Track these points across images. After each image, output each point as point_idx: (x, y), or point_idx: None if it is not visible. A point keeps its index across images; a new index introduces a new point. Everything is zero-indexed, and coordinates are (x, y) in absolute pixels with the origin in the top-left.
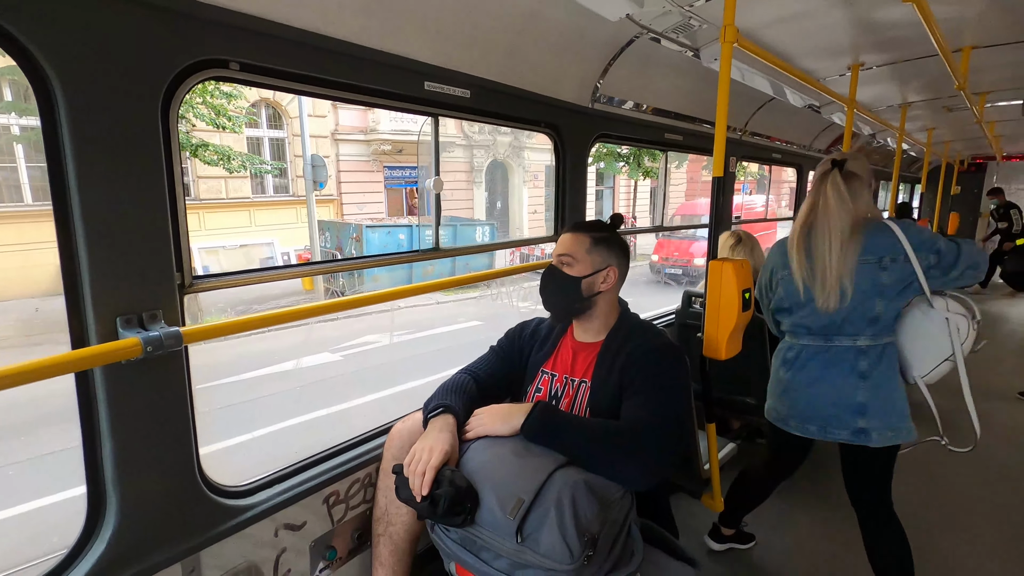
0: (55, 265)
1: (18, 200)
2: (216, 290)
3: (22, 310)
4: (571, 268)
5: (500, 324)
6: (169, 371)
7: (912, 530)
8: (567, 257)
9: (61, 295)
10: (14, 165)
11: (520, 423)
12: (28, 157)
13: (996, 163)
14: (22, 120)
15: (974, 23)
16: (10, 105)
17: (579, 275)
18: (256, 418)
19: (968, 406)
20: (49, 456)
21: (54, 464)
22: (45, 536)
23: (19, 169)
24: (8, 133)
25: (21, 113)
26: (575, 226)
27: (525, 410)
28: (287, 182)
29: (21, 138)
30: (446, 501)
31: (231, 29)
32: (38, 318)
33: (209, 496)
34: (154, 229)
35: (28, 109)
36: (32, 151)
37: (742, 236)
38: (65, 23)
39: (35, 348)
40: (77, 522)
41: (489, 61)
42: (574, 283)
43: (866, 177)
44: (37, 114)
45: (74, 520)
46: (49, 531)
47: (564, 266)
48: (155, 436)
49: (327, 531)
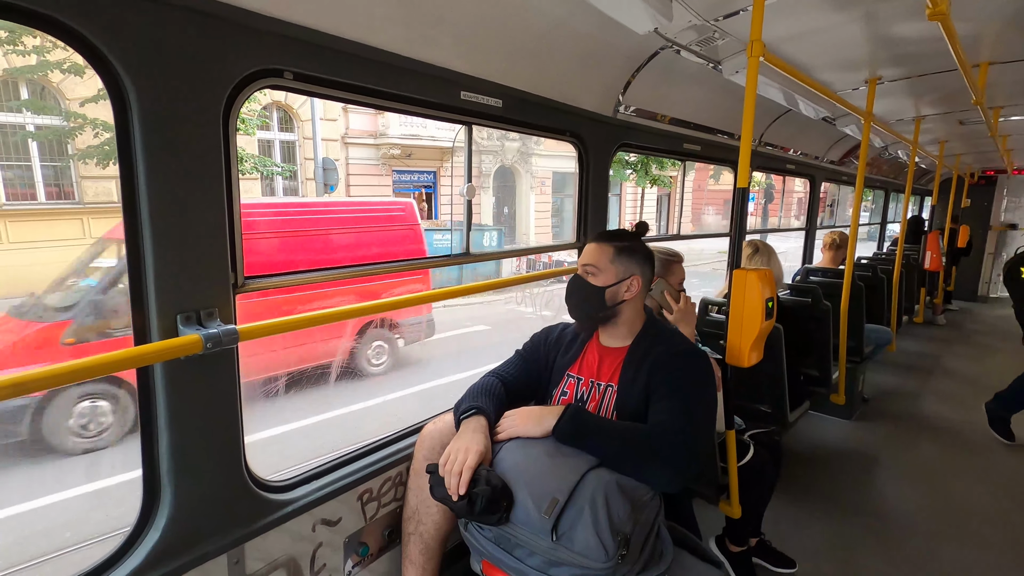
0: (62, 262)
1: (31, 199)
2: (265, 290)
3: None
4: (595, 278)
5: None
6: (223, 368)
7: (919, 538)
8: (591, 267)
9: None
10: (28, 164)
11: (552, 425)
12: (42, 156)
13: (1007, 176)
14: (38, 119)
15: (993, 39)
16: (26, 103)
17: (603, 285)
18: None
19: None
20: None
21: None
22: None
23: (33, 168)
24: (23, 130)
25: (38, 111)
26: (599, 236)
27: (556, 412)
28: (297, 184)
29: (37, 136)
30: (483, 500)
31: (287, 40)
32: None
33: (254, 490)
34: (214, 230)
35: (45, 107)
36: (45, 151)
37: (760, 246)
38: (137, 29)
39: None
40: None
41: (520, 71)
42: (598, 292)
43: None
44: (51, 113)
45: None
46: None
47: (589, 276)
48: (208, 431)
49: (360, 528)
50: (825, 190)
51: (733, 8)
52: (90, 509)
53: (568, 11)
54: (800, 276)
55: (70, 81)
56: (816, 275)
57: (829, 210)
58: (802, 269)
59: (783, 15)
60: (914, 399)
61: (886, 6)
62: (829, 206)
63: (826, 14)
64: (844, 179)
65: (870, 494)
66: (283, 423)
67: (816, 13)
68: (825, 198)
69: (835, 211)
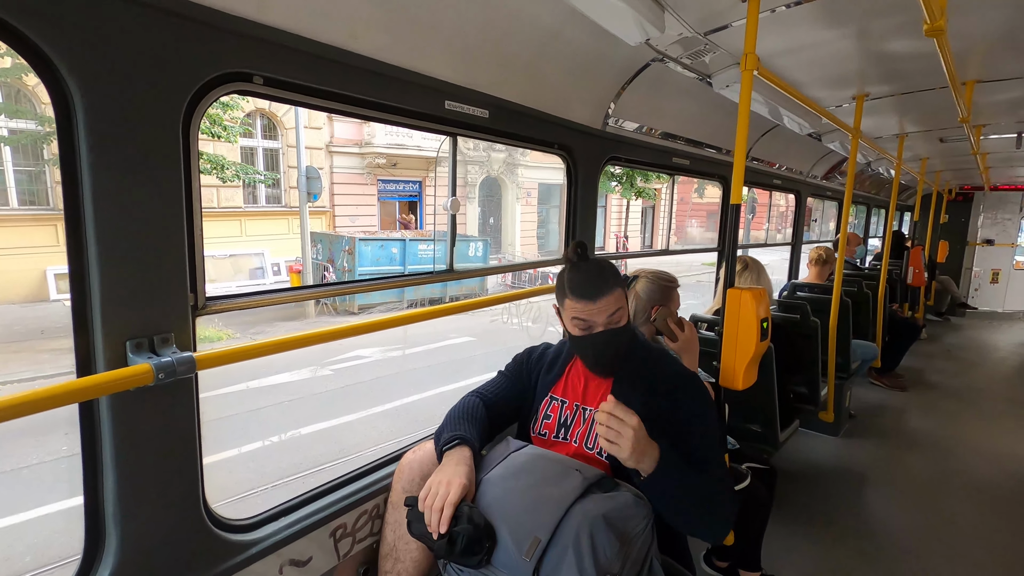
0: (38, 271)
1: (3, 204)
2: (228, 312)
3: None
4: (622, 321)
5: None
6: (179, 399)
7: (913, 559)
8: (619, 314)
9: (40, 302)
10: (1, 168)
11: (653, 464)
12: (15, 161)
13: (983, 193)
14: (11, 123)
15: (980, 58)
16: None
17: (627, 323)
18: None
19: None
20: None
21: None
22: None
23: (6, 173)
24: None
25: (12, 115)
26: (615, 281)
27: (656, 447)
28: (280, 192)
29: (9, 140)
30: (464, 539)
31: (258, 42)
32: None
33: (214, 531)
34: (170, 247)
35: (19, 111)
36: (19, 155)
37: (748, 262)
38: (85, 28)
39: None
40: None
41: (509, 82)
42: (627, 332)
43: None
44: (26, 117)
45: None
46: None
47: (616, 324)
48: (161, 468)
49: (332, 567)
50: (810, 205)
51: (725, 21)
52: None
53: (559, 21)
54: (787, 292)
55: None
56: (803, 290)
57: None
58: (789, 285)
59: (775, 30)
60: (899, 414)
61: (879, 23)
62: (814, 220)
63: (819, 30)
64: (829, 194)
65: (861, 514)
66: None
67: (809, 28)
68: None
69: (820, 226)
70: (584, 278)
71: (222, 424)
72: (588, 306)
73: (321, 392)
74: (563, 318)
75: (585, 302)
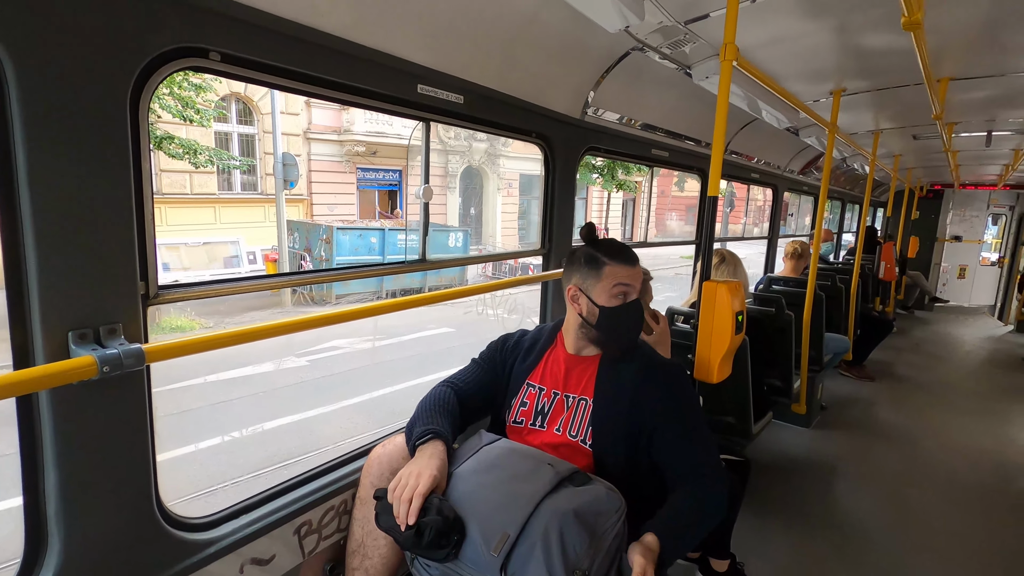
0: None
1: None
2: (183, 301)
3: None
4: (636, 295)
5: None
6: (128, 393)
7: (881, 552)
8: (633, 287)
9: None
10: None
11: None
12: None
13: (953, 190)
14: None
15: (955, 56)
16: None
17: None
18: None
19: None
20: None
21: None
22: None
23: None
24: None
25: None
26: (626, 255)
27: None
28: (256, 179)
29: None
30: (432, 531)
31: (214, 16)
32: None
33: (168, 530)
34: (116, 232)
35: None
36: None
37: (726, 255)
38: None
39: None
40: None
41: (484, 66)
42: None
43: None
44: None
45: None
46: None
47: (630, 295)
48: (108, 466)
49: (296, 564)
50: (786, 200)
51: (705, 10)
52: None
53: (536, 4)
54: (763, 285)
55: None
56: (778, 284)
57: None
58: (765, 278)
59: (755, 21)
60: (868, 407)
61: (858, 16)
62: (790, 215)
63: (798, 22)
64: (805, 189)
65: (831, 505)
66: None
67: (788, 20)
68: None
69: (796, 220)
70: (619, 245)
71: (196, 415)
72: (631, 270)
73: (295, 383)
74: (592, 293)
75: (629, 266)
